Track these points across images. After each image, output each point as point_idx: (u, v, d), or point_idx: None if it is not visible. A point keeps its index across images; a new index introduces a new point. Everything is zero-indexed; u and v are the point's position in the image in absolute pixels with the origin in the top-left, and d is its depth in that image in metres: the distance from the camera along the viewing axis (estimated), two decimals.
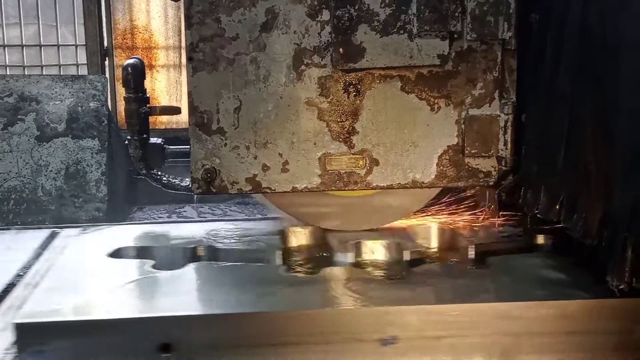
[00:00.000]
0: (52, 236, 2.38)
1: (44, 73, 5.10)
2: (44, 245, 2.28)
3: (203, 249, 2.05)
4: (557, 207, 1.86)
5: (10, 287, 1.95)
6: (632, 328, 1.65)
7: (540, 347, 1.65)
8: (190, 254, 2.04)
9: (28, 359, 1.53)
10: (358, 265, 1.99)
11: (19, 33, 5.12)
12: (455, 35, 1.96)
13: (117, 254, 2.05)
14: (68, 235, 2.35)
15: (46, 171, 4.33)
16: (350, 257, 1.99)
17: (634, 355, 1.65)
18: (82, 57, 5.09)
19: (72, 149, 4.36)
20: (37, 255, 2.19)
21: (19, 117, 4.35)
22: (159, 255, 2.01)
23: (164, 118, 5.09)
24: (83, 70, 5.07)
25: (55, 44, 5.23)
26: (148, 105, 2.15)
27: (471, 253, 2.01)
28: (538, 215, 1.98)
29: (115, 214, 4.38)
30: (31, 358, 1.53)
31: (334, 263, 1.98)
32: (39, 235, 2.39)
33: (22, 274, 2.03)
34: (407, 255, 1.98)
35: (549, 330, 1.66)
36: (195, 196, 4.68)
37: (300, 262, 2.03)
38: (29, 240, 2.35)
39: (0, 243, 2.38)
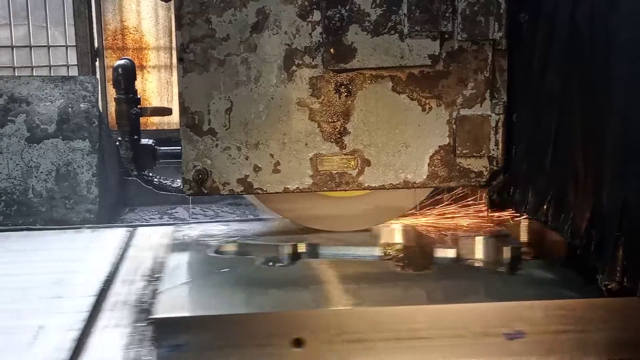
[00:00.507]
0: (131, 236, 2.52)
1: (34, 74, 5.07)
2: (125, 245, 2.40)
3: (304, 246, 2.05)
4: (545, 207, 1.88)
5: (106, 284, 2.06)
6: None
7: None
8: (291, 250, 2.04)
9: (165, 353, 1.58)
10: (460, 261, 1.99)
11: (9, 34, 5.08)
12: (446, 36, 1.96)
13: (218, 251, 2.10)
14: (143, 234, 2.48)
15: (37, 173, 4.30)
16: (451, 253, 1.99)
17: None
18: (73, 58, 5.06)
19: (63, 150, 4.34)
20: (121, 253, 2.29)
21: (9, 118, 4.32)
22: (258, 253, 2.04)
23: (155, 119, 5.07)
24: (73, 72, 5.03)
25: (46, 45, 5.19)
26: (139, 106, 2.14)
27: None
28: (527, 215, 1.99)
29: (106, 216, 4.36)
30: (168, 352, 1.58)
31: (435, 260, 1.99)
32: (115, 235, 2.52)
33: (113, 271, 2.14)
34: (507, 253, 1.96)
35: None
36: (188, 197, 4.69)
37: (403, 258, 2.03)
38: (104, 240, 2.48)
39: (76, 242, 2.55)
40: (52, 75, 5.00)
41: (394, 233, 2.10)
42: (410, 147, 2.04)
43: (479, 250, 1.97)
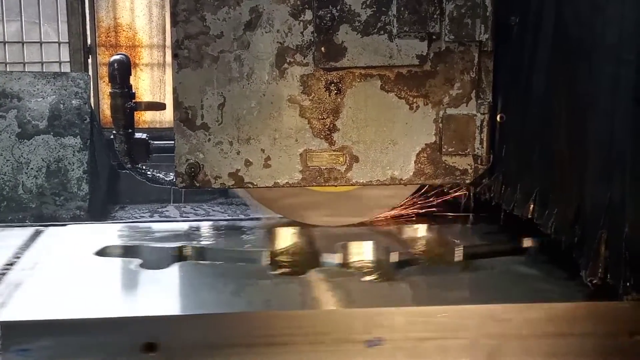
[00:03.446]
0: (36, 234, 2.35)
1: (26, 70, 5.07)
2: (27, 244, 2.24)
3: (190, 249, 2.03)
4: (530, 204, 1.93)
5: None
6: (616, 332, 1.64)
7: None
8: (176, 253, 2.02)
9: (13, 358, 1.52)
10: (345, 266, 1.97)
11: (1, 30, 5.09)
12: (434, 37, 2.01)
13: (103, 252, 2.04)
14: (51, 234, 2.31)
15: (27, 169, 4.31)
16: (337, 258, 1.96)
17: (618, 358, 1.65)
18: (65, 55, 5.07)
19: (54, 146, 4.35)
20: (19, 253, 2.15)
21: (0, 114, 4.33)
22: (144, 255, 2.00)
23: (148, 117, 5.09)
24: (66, 68, 5.04)
25: (38, 41, 5.20)
26: (133, 100, 2.18)
27: (458, 255, 1.99)
28: (514, 213, 2.04)
29: (97, 213, 4.37)
30: (16, 356, 1.52)
31: (321, 264, 1.95)
32: (22, 234, 2.35)
33: (3, 272, 2.00)
34: (394, 257, 1.96)
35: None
36: (179, 195, 4.70)
37: (287, 262, 2.02)
38: (11, 238, 2.30)
39: None
40: (44, 71, 5.01)
41: (289, 235, 2.09)
42: (397, 144, 2.09)
43: (365, 254, 1.97)
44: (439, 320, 1.62)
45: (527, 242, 2.06)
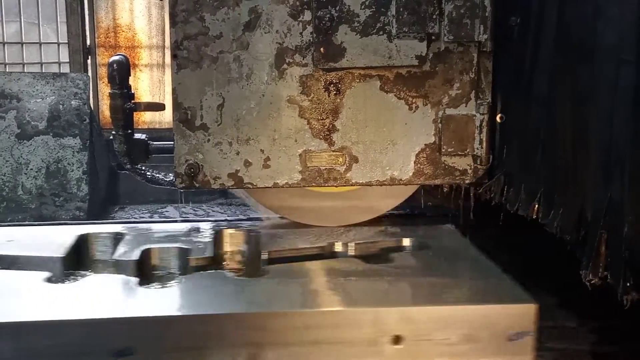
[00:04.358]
0: None
1: (25, 71, 5.07)
2: None
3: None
4: (535, 204, 1.93)
5: None
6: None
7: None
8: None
9: None
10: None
11: (0, 30, 5.08)
12: (433, 37, 2.02)
13: None
14: None
15: (26, 169, 4.30)
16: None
17: None
18: (65, 56, 5.06)
19: (53, 147, 4.34)
20: None
21: None
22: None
23: (147, 118, 5.09)
24: (65, 69, 5.03)
25: (37, 41, 5.19)
26: (133, 101, 2.18)
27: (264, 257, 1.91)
28: (519, 213, 2.04)
29: (96, 214, 4.37)
30: None
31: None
32: None
33: None
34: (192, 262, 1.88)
35: None
36: (179, 196, 4.70)
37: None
38: None
39: None
40: (43, 72, 5.01)
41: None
42: (397, 144, 2.10)
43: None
44: None
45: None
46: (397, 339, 1.54)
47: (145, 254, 1.90)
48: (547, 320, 1.85)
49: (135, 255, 1.87)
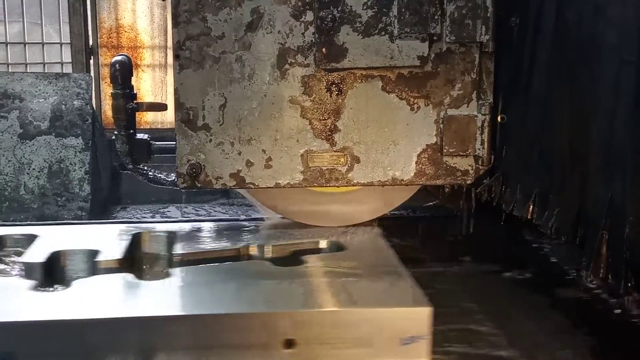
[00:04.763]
0: None
1: (28, 71, 5.08)
2: None
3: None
4: (530, 205, 1.93)
5: None
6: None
7: None
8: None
9: None
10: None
11: (3, 31, 5.10)
12: (435, 38, 2.02)
13: None
14: None
15: (29, 169, 4.31)
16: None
17: None
18: (67, 56, 5.07)
19: (56, 147, 4.35)
20: None
21: (1, 114, 4.33)
22: None
23: (149, 118, 5.10)
24: (68, 69, 5.04)
25: (40, 42, 5.21)
26: (135, 101, 2.18)
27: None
28: (514, 214, 2.05)
29: (98, 213, 4.38)
30: None
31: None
32: None
33: None
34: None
35: None
36: (181, 196, 4.71)
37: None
38: None
39: None
40: (45, 72, 5.02)
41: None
42: (398, 145, 2.10)
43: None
44: None
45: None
46: (289, 343, 1.53)
47: (55, 256, 1.88)
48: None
49: (43, 257, 1.85)
